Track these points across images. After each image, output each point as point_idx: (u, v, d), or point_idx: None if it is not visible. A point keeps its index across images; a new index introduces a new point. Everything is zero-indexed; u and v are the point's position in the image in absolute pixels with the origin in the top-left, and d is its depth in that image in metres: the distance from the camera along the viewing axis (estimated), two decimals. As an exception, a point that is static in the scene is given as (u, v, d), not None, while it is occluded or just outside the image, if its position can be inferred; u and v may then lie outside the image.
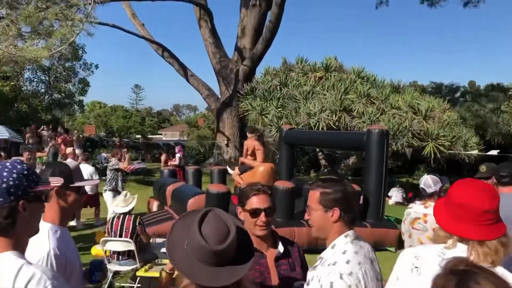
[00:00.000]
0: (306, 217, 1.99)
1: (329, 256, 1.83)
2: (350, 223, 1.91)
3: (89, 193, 8.45)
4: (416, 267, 1.76)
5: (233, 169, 8.46)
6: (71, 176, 2.00)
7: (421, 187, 3.98)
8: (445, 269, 1.16)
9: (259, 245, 2.09)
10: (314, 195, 1.92)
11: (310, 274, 1.88)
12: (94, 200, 8.94)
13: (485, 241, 1.64)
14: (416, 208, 4.00)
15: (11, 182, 1.39)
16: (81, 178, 2.11)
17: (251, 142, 7.77)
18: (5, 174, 1.40)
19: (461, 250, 1.69)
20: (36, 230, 1.56)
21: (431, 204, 3.87)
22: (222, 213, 1.51)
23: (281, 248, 2.15)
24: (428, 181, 3.92)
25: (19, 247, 1.45)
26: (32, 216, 1.48)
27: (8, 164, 1.44)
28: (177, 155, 14.76)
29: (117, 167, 8.64)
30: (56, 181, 1.62)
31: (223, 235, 1.41)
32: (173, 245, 1.51)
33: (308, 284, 1.85)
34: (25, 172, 1.45)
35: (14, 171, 1.42)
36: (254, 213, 2.07)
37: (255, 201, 2.09)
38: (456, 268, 1.13)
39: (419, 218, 3.94)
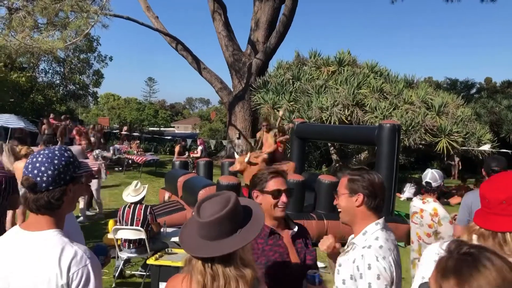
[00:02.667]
0: (334, 202, 2.10)
1: (362, 242, 1.93)
2: (376, 211, 1.99)
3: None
4: None
5: (239, 155, 8.62)
6: None
7: (426, 181, 3.95)
8: (449, 251, 1.12)
9: (276, 227, 2.19)
10: (343, 181, 2.05)
11: (341, 259, 1.99)
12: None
13: (506, 233, 1.52)
14: (415, 203, 4.03)
15: (61, 169, 1.56)
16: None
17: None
18: (56, 161, 1.56)
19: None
20: (73, 208, 1.73)
21: (428, 200, 3.88)
22: (234, 196, 1.55)
23: (295, 227, 2.24)
24: (434, 175, 3.92)
25: (60, 225, 1.61)
26: (74, 196, 1.65)
27: (57, 152, 1.59)
28: (199, 148, 15.24)
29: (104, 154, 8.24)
30: (93, 165, 1.76)
31: (215, 211, 1.48)
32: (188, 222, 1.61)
33: (340, 266, 1.97)
34: (71, 159, 1.62)
35: (63, 158, 1.58)
36: (276, 194, 2.15)
37: (275, 183, 2.17)
38: (462, 249, 1.10)
39: (416, 213, 3.94)
